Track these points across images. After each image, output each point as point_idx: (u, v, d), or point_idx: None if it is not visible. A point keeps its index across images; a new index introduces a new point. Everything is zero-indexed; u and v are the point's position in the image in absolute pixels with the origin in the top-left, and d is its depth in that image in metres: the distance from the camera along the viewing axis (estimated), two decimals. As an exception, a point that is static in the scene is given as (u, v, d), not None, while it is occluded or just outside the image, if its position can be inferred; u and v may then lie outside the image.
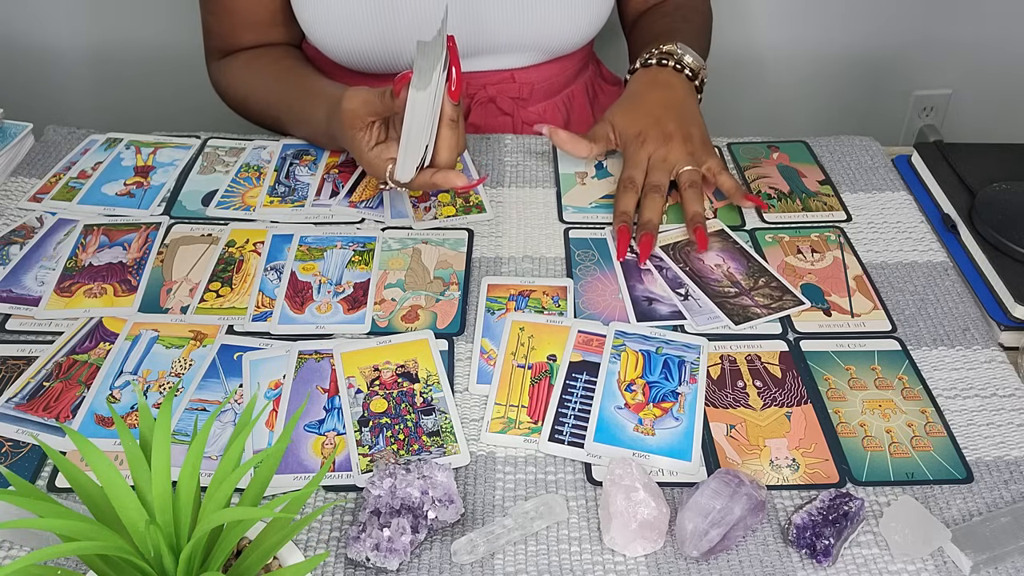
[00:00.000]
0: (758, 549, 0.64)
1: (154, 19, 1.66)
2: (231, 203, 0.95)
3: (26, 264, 0.87)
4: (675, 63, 1.00)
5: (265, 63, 1.06)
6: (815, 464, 0.70)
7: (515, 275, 0.87)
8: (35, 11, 1.65)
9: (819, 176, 1.00)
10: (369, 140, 0.87)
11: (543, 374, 0.76)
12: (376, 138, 0.87)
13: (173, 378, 0.75)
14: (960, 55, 1.86)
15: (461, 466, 0.69)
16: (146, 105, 1.73)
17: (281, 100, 1.02)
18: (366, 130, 0.87)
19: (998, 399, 0.75)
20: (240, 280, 0.85)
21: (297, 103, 1.00)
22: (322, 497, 0.67)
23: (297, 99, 1.00)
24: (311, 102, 0.98)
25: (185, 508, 0.52)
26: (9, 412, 0.72)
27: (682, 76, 1.00)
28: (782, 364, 0.78)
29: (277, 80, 1.04)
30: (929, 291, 0.85)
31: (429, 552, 0.64)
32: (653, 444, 0.70)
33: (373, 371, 0.76)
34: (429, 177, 0.85)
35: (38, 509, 0.49)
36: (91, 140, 1.04)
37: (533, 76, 1.11)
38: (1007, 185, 0.93)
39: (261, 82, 1.05)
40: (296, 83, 1.02)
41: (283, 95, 1.02)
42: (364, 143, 0.87)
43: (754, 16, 1.79)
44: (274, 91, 1.03)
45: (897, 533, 0.63)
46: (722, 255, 0.88)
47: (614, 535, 0.63)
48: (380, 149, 0.87)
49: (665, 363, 0.77)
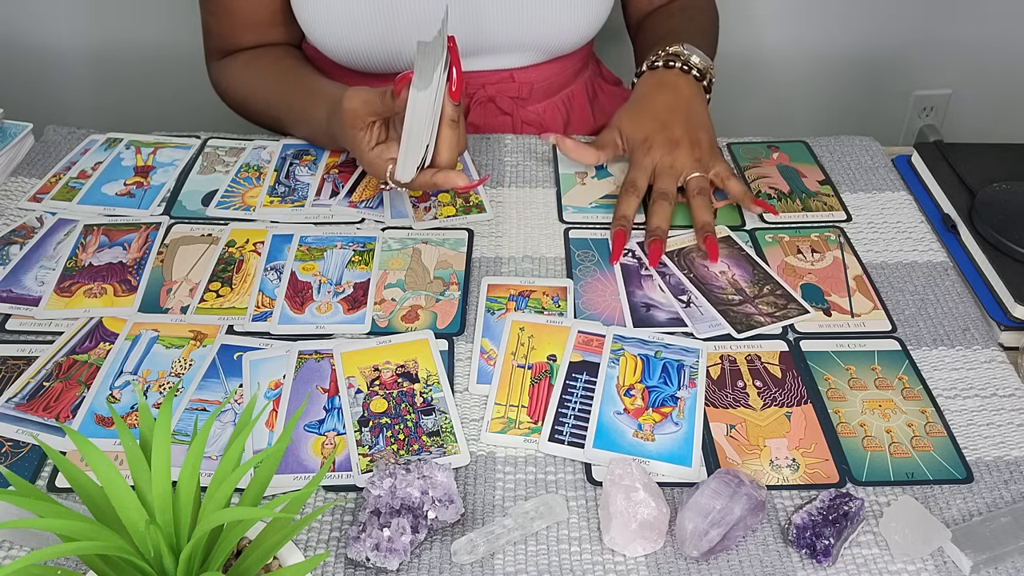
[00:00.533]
0: (758, 549, 0.64)
1: (154, 19, 1.66)
2: (231, 203, 0.95)
3: (26, 264, 0.87)
4: (682, 64, 0.99)
5: (265, 63, 1.06)
6: (815, 464, 0.70)
7: (515, 275, 0.87)
8: (35, 11, 1.66)
9: (819, 176, 1.00)
10: (370, 140, 0.87)
11: (543, 374, 0.76)
12: (377, 138, 0.87)
13: (173, 378, 0.75)
14: (960, 55, 1.86)
15: (461, 466, 0.69)
16: (146, 105, 1.73)
17: (281, 100, 1.02)
18: (367, 130, 0.87)
19: (998, 399, 0.75)
20: (240, 280, 0.85)
21: (297, 103, 1.00)
22: (322, 497, 0.67)
23: (297, 99, 1.00)
24: (311, 102, 0.98)
25: (185, 508, 0.52)
26: (9, 412, 0.72)
27: (689, 77, 0.99)
28: (782, 364, 0.78)
29: (277, 80, 1.04)
30: (929, 291, 0.86)
31: (429, 552, 0.64)
32: (653, 450, 0.70)
33: (373, 371, 0.76)
34: (430, 177, 0.85)
35: (38, 509, 0.49)
36: (91, 140, 1.04)
37: (533, 76, 1.11)
38: (1007, 185, 0.93)
39: (261, 82, 1.05)
40: (296, 83, 1.02)
41: (283, 95, 1.02)
42: (365, 143, 0.87)
43: (754, 16, 1.79)
44: (274, 91, 1.03)
45: (897, 533, 0.63)
46: (727, 261, 0.88)
47: (614, 535, 0.63)
48: (381, 149, 0.87)
49: (664, 367, 0.77)
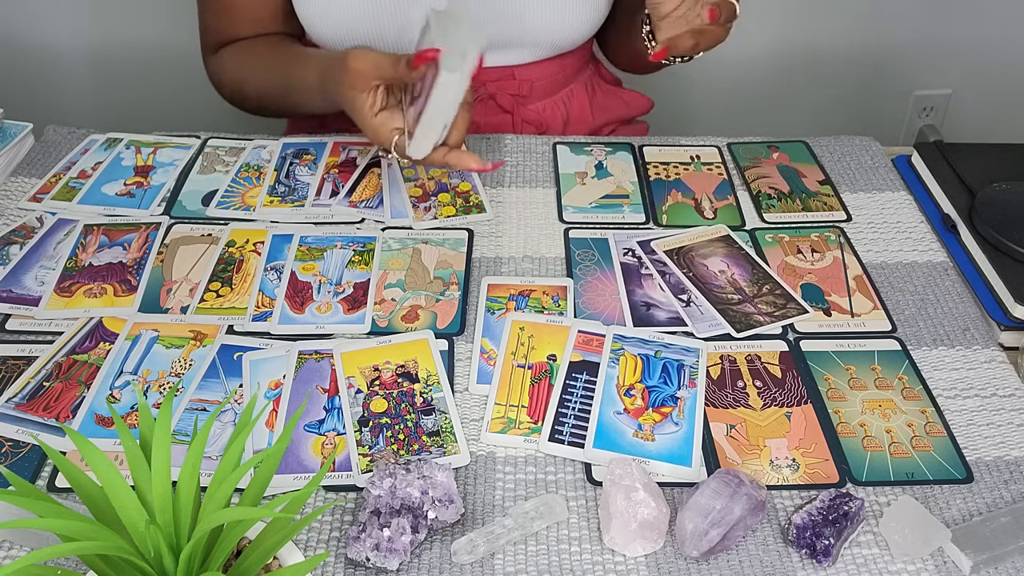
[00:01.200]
0: (758, 549, 0.64)
1: (154, 19, 1.66)
2: (231, 203, 0.95)
3: (26, 264, 0.87)
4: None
5: (260, 47, 1.07)
6: (815, 464, 0.70)
7: (515, 275, 0.87)
8: (35, 11, 1.66)
9: (819, 176, 1.00)
10: (372, 104, 0.86)
11: (543, 374, 0.76)
12: (380, 103, 0.86)
13: (173, 378, 0.75)
14: (960, 55, 1.86)
15: (461, 466, 0.69)
16: (146, 105, 1.73)
17: (274, 73, 1.03)
18: (370, 93, 0.85)
19: (998, 399, 0.75)
20: (240, 280, 0.85)
21: (289, 68, 1.00)
22: (322, 497, 0.67)
23: (289, 65, 1.00)
24: (302, 66, 0.97)
25: (185, 508, 0.52)
26: (9, 412, 0.72)
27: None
28: (782, 364, 0.78)
29: (272, 56, 1.04)
30: (929, 291, 0.86)
31: (429, 552, 0.64)
32: (653, 450, 0.70)
33: (373, 371, 0.76)
34: (442, 156, 0.85)
35: (38, 509, 0.49)
36: (91, 140, 1.04)
37: (533, 73, 1.11)
38: (1007, 185, 0.93)
39: (258, 61, 1.05)
40: (288, 52, 1.02)
41: (277, 67, 1.02)
42: (368, 106, 0.86)
43: (754, 16, 1.79)
44: (270, 68, 1.04)
45: (897, 533, 0.63)
46: (727, 261, 0.88)
47: (614, 535, 0.63)
48: (385, 116, 0.86)
49: (664, 367, 0.77)
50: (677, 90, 1.83)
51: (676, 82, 1.80)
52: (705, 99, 1.88)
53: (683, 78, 1.82)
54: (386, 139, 0.86)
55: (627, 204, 0.96)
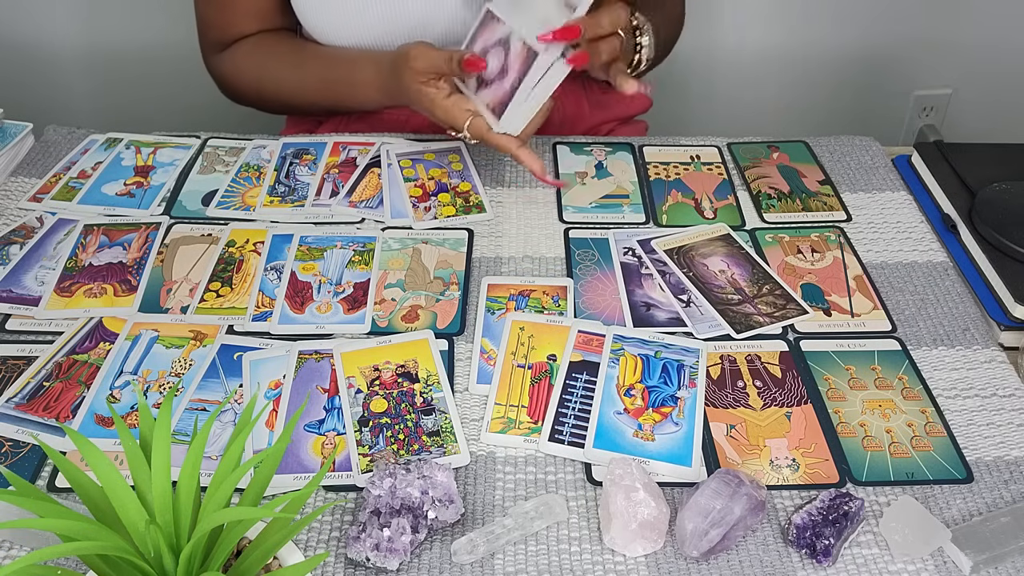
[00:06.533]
0: (758, 549, 0.64)
1: (154, 19, 1.66)
2: (231, 203, 0.95)
3: (26, 264, 0.87)
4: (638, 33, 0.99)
5: (273, 46, 1.07)
6: (815, 464, 0.70)
7: (515, 275, 0.87)
8: (35, 11, 1.66)
9: (819, 176, 1.00)
10: (440, 91, 0.92)
11: (543, 374, 0.76)
12: (449, 90, 0.92)
13: (173, 378, 0.75)
14: (960, 55, 1.86)
15: (461, 466, 0.69)
16: (146, 105, 1.73)
17: (306, 72, 1.05)
18: (436, 83, 0.92)
19: (998, 399, 0.75)
20: (240, 280, 0.85)
21: (336, 67, 1.03)
22: (322, 497, 0.67)
23: (331, 66, 1.03)
24: (352, 64, 1.02)
25: (185, 508, 0.52)
26: (9, 412, 0.72)
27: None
28: (782, 364, 0.78)
29: (295, 55, 1.06)
30: (929, 291, 0.86)
31: (429, 552, 0.64)
32: (653, 450, 0.70)
33: (373, 371, 0.76)
34: (516, 147, 0.90)
35: (38, 509, 0.49)
36: (91, 140, 1.04)
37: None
38: (1007, 185, 0.93)
39: (276, 61, 1.07)
40: (322, 53, 1.05)
41: (308, 68, 1.05)
42: (440, 94, 0.92)
43: (754, 16, 1.79)
44: (295, 66, 1.06)
45: (897, 533, 0.63)
46: (727, 260, 0.88)
47: (614, 535, 0.63)
48: (457, 99, 0.92)
49: (664, 367, 0.77)
50: (677, 90, 1.83)
51: (676, 82, 1.80)
52: (705, 99, 1.88)
53: (683, 78, 1.82)
54: (460, 119, 0.91)
55: (627, 204, 0.96)
